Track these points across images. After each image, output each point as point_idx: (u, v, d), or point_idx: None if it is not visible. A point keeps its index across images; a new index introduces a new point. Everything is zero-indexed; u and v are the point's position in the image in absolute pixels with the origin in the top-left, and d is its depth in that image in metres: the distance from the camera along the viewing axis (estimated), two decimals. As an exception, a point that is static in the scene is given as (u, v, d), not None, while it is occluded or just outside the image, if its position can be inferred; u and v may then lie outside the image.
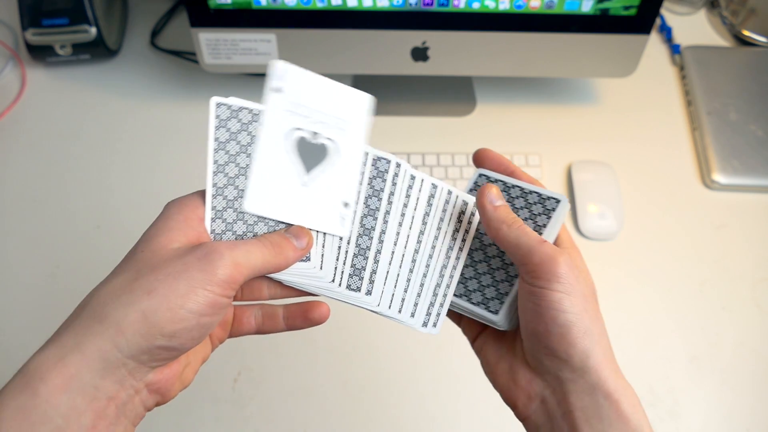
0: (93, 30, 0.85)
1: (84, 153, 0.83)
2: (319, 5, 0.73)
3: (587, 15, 0.74)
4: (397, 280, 0.39)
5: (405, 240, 0.40)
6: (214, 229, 0.37)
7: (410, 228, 0.40)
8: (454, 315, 0.43)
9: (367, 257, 0.39)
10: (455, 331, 0.46)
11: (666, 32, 0.95)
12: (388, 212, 0.39)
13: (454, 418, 0.66)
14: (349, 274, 0.39)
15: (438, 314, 0.41)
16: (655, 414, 0.66)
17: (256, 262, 0.34)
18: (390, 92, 0.88)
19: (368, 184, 0.39)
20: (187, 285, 0.32)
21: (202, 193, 0.38)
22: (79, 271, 0.74)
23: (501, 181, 0.42)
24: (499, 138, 0.85)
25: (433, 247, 0.40)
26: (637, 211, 0.79)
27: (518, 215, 0.40)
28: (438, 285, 0.40)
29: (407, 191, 0.40)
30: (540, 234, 0.39)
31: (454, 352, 0.69)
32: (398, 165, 0.40)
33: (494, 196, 0.39)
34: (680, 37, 0.94)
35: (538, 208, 0.41)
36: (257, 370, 0.68)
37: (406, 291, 0.40)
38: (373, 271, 0.39)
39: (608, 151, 0.83)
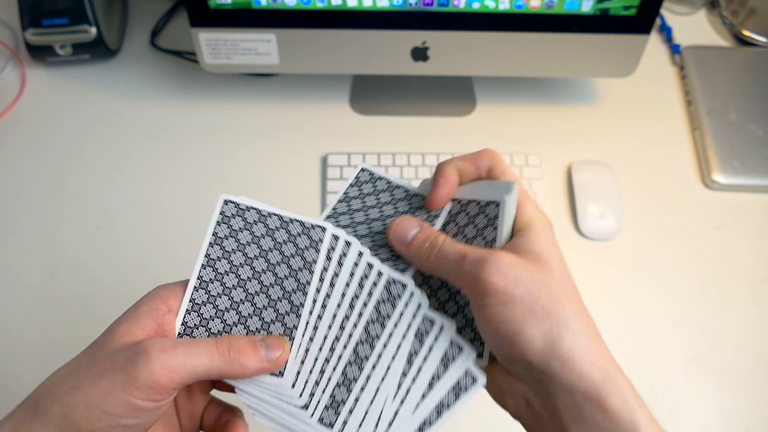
0: (93, 30, 0.85)
1: (84, 153, 0.83)
2: (319, 5, 0.73)
3: (587, 15, 0.74)
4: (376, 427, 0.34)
5: (396, 382, 0.34)
6: (186, 322, 0.35)
7: (408, 380, 0.35)
8: None
9: (351, 390, 0.34)
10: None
11: (666, 32, 0.95)
12: (386, 345, 0.34)
13: (454, 417, 0.66)
14: (325, 406, 0.34)
15: None
16: (655, 414, 0.66)
17: (197, 367, 0.32)
18: (390, 92, 0.88)
19: (374, 307, 0.35)
20: (107, 385, 0.31)
21: (181, 283, 0.36)
22: (79, 271, 0.74)
23: (385, 179, 0.40)
24: (499, 138, 0.85)
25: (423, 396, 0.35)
26: (637, 211, 0.79)
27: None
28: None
29: (418, 324, 0.35)
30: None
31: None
32: (412, 294, 0.35)
33: (402, 233, 0.36)
34: (680, 37, 0.94)
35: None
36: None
37: None
38: (350, 411, 0.34)
39: (608, 151, 0.83)
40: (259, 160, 0.82)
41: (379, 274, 0.36)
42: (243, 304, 0.36)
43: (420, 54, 0.78)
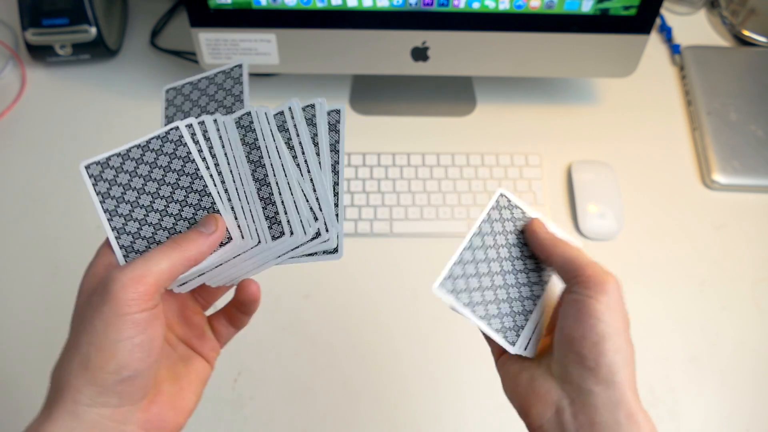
0: (93, 30, 0.85)
1: (84, 153, 0.82)
2: (319, 5, 0.73)
3: (587, 15, 0.74)
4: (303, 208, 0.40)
5: (296, 170, 0.40)
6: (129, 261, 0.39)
7: (299, 156, 0.41)
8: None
9: (274, 202, 0.39)
10: (455, 330, 0.46)
11: (666, 32, 0.95)
12: (270, 156, 0.40)
13: (455, 418, 0.66)
14: (269, 227, 0.39)
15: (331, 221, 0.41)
16: (655, 414, 0.66)
17: (161, 265, 0.35)
18: (390, 92, 0.88)
19: (243, 143, 0.41)
20: (101, 321, 0.34)
21: (106, 242, 0.40)
22: (79, 271, 0.73)
23: (188, 83, 0.45)
24: (499, 138, 0.85)
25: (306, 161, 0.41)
26: (637, 211, 0.79)
27: (215, 98, 0.43)
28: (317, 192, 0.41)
29: (280, 126, 0.41)
30: (240, 101, 0.42)
31: (455, 352, 0.69)
32: (257, 113, 0.41)
33: (543, 227, 0.42)
34: (680, 37, 0.94)
35: (229, 82, 0.44)
36: (257, 370, 0.68)
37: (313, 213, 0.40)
38: (285, 212, 0.39)
39: (608, 151, 0.83)
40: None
41: (228, 122, 0.41)
42: (163, 220, 0.39)
43: (420, 54, 0.78)
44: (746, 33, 0.94)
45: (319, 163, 0.41)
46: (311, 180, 0.40)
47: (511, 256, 0.42)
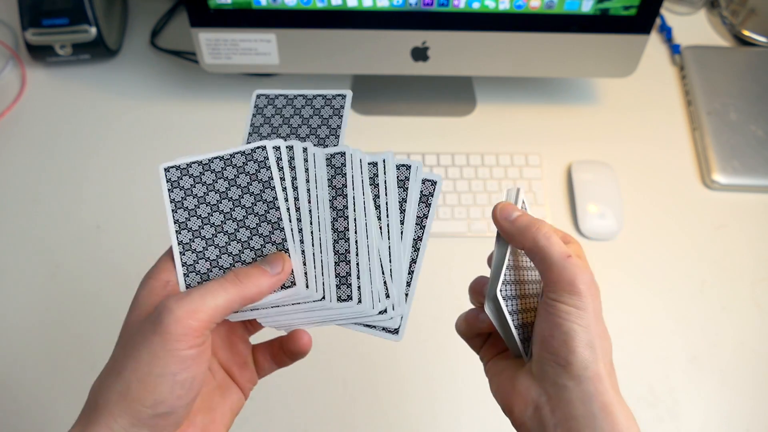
0: (93, 30, 0.85)
1: (84, 153, 0.83)
2: (319, 5, 0.73)
3: (587, 15, 0.74)
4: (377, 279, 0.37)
5: (378, 233, 0.38)
6: (189, 284, 0.37)
7: (383, 218, 0.38)
8: (474, 342, 0.44)
9: (349, 261, 0.37)
10: (454, 331, 0.46)
11: (666, 32, 0.95)
12: (354, 207, 0.38)
13: (454, 418, 0.66)
14: (337, 285, 0.37)
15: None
16: (655, 414, 0.66)
17: (218, 300, 0.34)
18: (390, 92, 0.88)
19: (329, 185, 0.38)
20: (148, 352, 0.33)
21: (169, 254, 0.39)
22: (79, 271, 0.74)
23: (282, 95, 0.42)
24: (499, 138, 0.85)
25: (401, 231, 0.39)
26: (637, 211, 0.79)
27: (309, 125, 0.41)
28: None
29: (371, 180, 0.39)
30: (336, 136, 0.41)
31: (454, 353, 0.69)
32: (351, 155, 0.39)
33: (508, 212, 0.39)
34: (680, 37, 0.94)
35: (327, 111, 0.42)
36: (257, 370, 0.68)
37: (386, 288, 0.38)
38: (357, 276, 0.37)
39: (608, 151, 0.83)
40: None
41: (319, 156, 0.39)
42: (230, 245, 0.37)
43: (420, 54, 0.78)
44: (746, 33, 0.94)
45: (401, 233, 0.38)
46: (389, 250, 0.37)
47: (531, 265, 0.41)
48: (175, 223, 0.38)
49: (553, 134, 0.85)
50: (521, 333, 0.39)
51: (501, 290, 0.38)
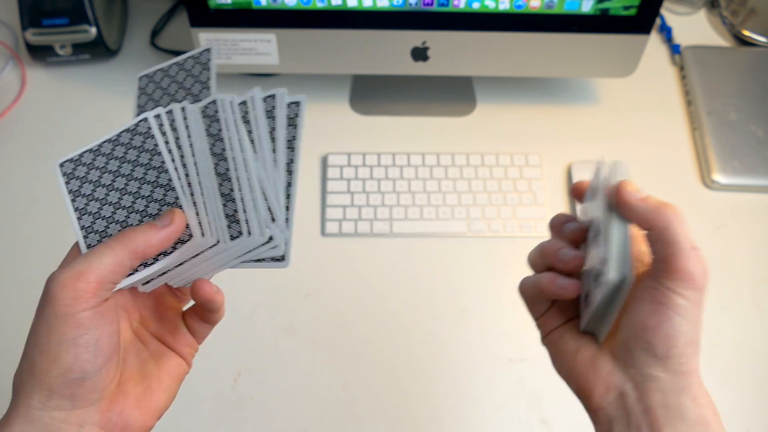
0: (93, 30, 0.85)
1: (84, 153, 0.83)
2: (319, 5, 0.73)
3: (587, 15, 0.74)
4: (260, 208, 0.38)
5: (255, 166, 0.39)
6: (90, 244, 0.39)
7: (258, 151, 0.39)
8: (536, 307, 0.42)
9: (234, 199, 0.38)
10: (455, 330, 0.46)
11: (666, 32, 0.95)
12: (232, 149, 0.39)
13: (454, 417, 0.66)
14: (227, 226, 0.37)
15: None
16: (655, 414, 0.66)
17: (104, 260, 0.34)
18: (390, 92, 0.88)
19: (207, 134, 0.39)
20: (44, 324, 0.33)
21: (75, 247, 0.39)
22: (79, 271, 0.74)
23: (160, 69, 0.44)
24: (499, 138, 0.85)
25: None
26: (637, 211, 0.79)
27: (183, 85, 0.42)
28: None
29: (243, 118, 0.40)
30: (207, 88, 0.42)
31: (454, 352, 0.69)
32: (222, 101, 0.40)
33: (637, 189, 0.38)
34: (680, 37, 0.94)
35: (197, 68, 0.43)
36: (257, 370, 0.68)
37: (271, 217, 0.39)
38: (243, 210, 0.37)
39: (608, 151, 0.83)
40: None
41: (194, 111, 0.40)
42: (129, 217, 0.39)
43: (420, 54, 0.78)
44: (746, 33, 0.94)
45: (275, 160, 0.39)
46: (267, 179, 0.38)
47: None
48: (75, 211, 0.39)
49: (553, 134, 0.85)
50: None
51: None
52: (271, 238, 0.37)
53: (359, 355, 0.69)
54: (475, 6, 0.73)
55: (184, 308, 0.43)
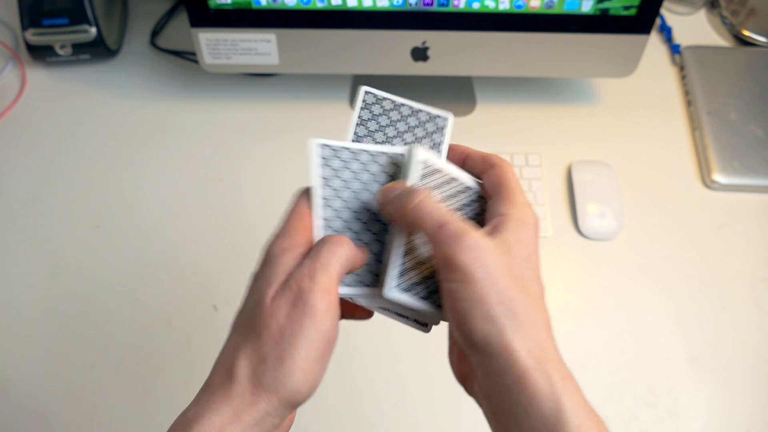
0: (93, 30, 0.85)
1: (84, 153, 0.83)
2: (319, 5, 0.73)
3: (587, 15, 0.74)
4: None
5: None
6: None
7: None
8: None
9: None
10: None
11: (666, 32, 0.95)
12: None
13: (455, 418, 0.66)
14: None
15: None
16: (655, 414, 0.66)
17: (340, 264, 0.35)
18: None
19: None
20: (306, 340, 0.33)
21: (300, 220, 0.38)
22: (79, 271, 0.74)
23: (389, 99, 0.44)
24: (499, 138, 0.85)
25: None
26: (637, 211, 0.79)
27: (415, 133, 0.43)
28: None
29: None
30: (438, 152, 0.41)
31: (454, 352, 0.69)
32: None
33: (385, 193, 0.38)
34: (680, 37, 0.94)
35: (431, 126, 0.44)
36: (257, 370, 0.68)
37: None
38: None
39: (608, 151, 0.83)
40: (259, 160, 0.82)
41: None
42: (362, 234, 0.39)
43: (420, 54, 0.78)
44: (746, 33, 0.94)
45: None
46: None
47: None
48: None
49: (553, 134, 0.85)
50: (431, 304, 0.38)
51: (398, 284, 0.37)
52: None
53: (359, 354, 0.69)
54: (475, 6, 0.73)
55: None
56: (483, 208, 0.39)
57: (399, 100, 0.44)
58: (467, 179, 0.40)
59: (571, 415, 0.31)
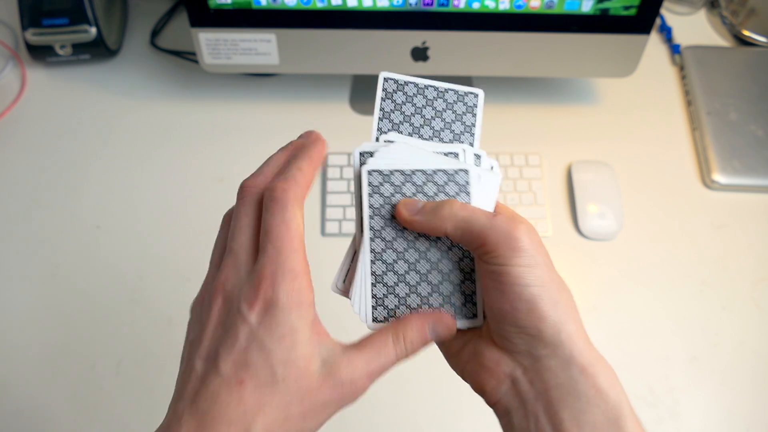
0: (93, 30, 0.85)
1: (84, 153, 0.83)
2: (319, 5, 0.73)
3: (587, 15, 0.74)
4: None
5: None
6: (376, 317, 0.38)
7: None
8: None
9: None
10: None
11: (666, 32, 0.95)
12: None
13: (455, 418, 0.66)
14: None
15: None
16: (655, 414, 0.66)
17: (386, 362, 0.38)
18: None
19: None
20: (327, 415, 0.36)
21: (303, 271, 0.35)
22: (79, 271, 0.74)
23: (412, 83, 0.40)
24: (500, 138, 0.85)
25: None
26: (637, 211, 0.79)
27: (443, 118, 0.39)
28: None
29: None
30: (471, 134, 0.39)
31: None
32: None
33: (412, 205, 0.35)
34: (680, 37, 0.94)
35: (460, 107, 0.39)
36: (257, 370, 0.68)
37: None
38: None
39: (608, 151, 0.83)
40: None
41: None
42: (420, 285, 0.37)
43: (420, 54, 0.78)
44: (746, 33, 0.94)
45: None
46: None
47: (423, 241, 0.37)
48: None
49: (553, 134, 0.85)
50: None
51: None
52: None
53: (359, 355, 0.69)
54: (475, 6, 0.73)
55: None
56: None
57: (423, 82, 0.41)
58: (430, 161, 0.37)
59: (629, 409, 0.32)
